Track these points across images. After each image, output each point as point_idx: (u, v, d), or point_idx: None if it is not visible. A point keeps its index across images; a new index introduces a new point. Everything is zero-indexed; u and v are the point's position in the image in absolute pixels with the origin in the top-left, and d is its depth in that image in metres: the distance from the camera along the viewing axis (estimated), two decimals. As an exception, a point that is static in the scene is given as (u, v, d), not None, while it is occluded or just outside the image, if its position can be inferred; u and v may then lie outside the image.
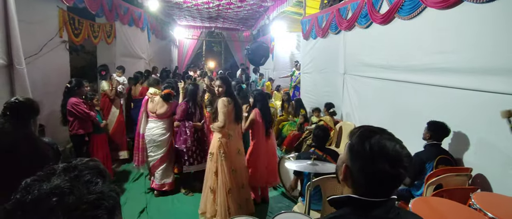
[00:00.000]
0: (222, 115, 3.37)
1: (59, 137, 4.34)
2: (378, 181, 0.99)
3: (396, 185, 1.02)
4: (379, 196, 1.00)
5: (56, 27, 4.58)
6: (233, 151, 3.50)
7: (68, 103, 3.85)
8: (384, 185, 1.00)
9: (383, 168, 0.96)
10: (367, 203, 1.00)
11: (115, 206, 0.69)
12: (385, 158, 0.97)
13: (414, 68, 3.65)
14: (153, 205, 4.06)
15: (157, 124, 4.20)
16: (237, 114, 3.52)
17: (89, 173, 0.69)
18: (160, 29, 11.03)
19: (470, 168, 2.86)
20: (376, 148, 0.98)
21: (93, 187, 0.67)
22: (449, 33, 3.14)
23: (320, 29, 6.31)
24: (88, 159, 0.76)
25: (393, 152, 0.98)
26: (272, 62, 11.63)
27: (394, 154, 0.98)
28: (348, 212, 1.03)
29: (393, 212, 1.01)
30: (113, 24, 6.51)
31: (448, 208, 2.25)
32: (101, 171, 0.73)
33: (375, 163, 0.98)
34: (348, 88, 5.47)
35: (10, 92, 3.12)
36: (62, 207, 0.61)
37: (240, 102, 3.64)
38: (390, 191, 1.02)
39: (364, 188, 1.01)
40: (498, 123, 2.49)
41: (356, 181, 1.03)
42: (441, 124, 3.01)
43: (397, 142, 1.01)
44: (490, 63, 2.67)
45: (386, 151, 0.98)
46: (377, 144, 0.99)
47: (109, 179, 0.73)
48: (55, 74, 4.60)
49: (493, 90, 2.63)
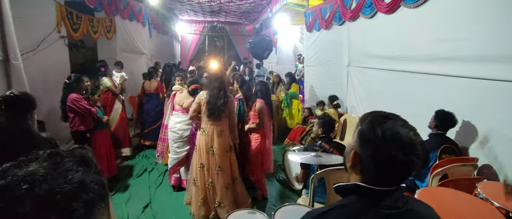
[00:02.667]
0: (192, 105, 3.46)
1: (61, 134, 4.31)
2: (389, 169, 0.94)
3: (408, 174, 0.97)
4: (389, 185, 0.96)
5: (54, 22, 4.54)
6: (204, 147, 3.41)
7: (68, 99, 3.79)
8: (395, 173, 0.95)
9: (396, 155, 0.91)
10: (375, 192, 0.95)
11: (96, 200, 0.62)
12: (398, 145, 0.91)
13: (420, 58, 3.58)
14: (157, 200, 4.04)
15: (182, 119, 4.11)
16: (210, 110, 3.35)
17: (71, 161, 0.63)
18: (162, 24, 10.97)
19: (476, 158, 2.82)
20: (389, 135, 0.93)
21: (71, 176, 0.60)
22: (455, 21, 3.06)
23: (324, 20, 6.21)
24: (77, 146, 0.69)
25: (407, 139, 0.92)
26: (275, 55, 11.52)
27: (408, 141, 0.92)
28: (355, 201, 0.98)
29: (401, 201, 0.97)
30: (112, 19, 6.46)
31: (454, 198, 2.24)
32: (86, 160, 0.66)
33: (388, 150, 0.92)
34: (352, 80, 5.39)
35: (7, 88, 3.09)
36: (31, 196, 0.55)
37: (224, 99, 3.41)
38: (400, 179, 0.97)
39: (374, 176, 0.96)
40: (506, 112, 2.48)
41: (366, 169, 0.98)
42: (448, 114, 2.97)
43: (411, 129, 0.96)
44: (497, 50, 2.60)
45: (400, 138, 0.92)
46: (390, 130, 0.94)
47: (95, 169, 0.66)
48: (54, 70, 4.56)
49: (501, 78, 2.57)
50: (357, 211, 0.96)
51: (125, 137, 5.36)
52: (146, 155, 5.63)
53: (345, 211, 0.97)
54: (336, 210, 0.98)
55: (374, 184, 0.96)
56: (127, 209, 3.76)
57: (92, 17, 5.63)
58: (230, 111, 3.52)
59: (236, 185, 3.57)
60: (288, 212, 2.44)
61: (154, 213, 3.72)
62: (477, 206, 2.12)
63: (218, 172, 3.40)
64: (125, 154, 5.37)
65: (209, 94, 3.38)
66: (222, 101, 3.35)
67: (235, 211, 2.63)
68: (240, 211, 2.64)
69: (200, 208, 3.48)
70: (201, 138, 3.44)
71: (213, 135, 3.39)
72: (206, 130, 3.42)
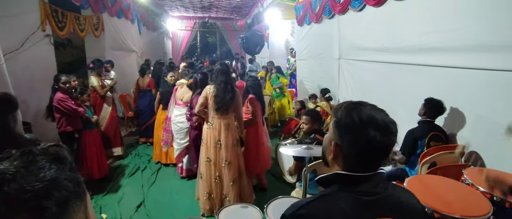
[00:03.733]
0: (199, 100, 3.43)
1: (48, 135, 4.23)
2: (370, 152, 0.98)
3: (385, 155, 1.01)
4: (369, 170, 1.00)
5: (38, 20, 4.43)
6: (212, 141, 3.41)
7: (54, 99, 3.71)
8: (375, 155, 1.00)
9: (374, 137, 0.95)
10: (355, 178, 0.99)
11: (69, 198, 0.61)
12: (375, 127, 0.96)
13: (409, 49, 3.60)
14: (150, 198, 4.01)
15: (182, 112, 4.35)
16: (218, 103, 3.34)
17: (44, 159, 0.62)
18: (152, 21, 10.85)
19: (462, 145, 2.88)
20: (365, 118, 0.97)
21: (43, 175, 0.59)
22: (442, 12, 3.09)
23: (314, 14, 6.20)
24: (52, 144, 0.69)
25: (381, 121, 0.97)
26: (267, 50, 11.48)
27: (382, 123, 0.97)
28: (336, 189, 1.02)
29: (381, 186, 1.01)
30: (100, 16, 6.35)
31: (441, 184, 2.31)
32: (60, 158, 0.65)
33: (367, 133, 0.96)
34: (343, 73, 5.41)
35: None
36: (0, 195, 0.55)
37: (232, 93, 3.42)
38: (379, 162, 1.02)
39: (355, 163, 1.00)
40: (492, 100, 2.54)
41: (347, 157, 1.02)
42: (436, 101, 3.02)
43: (381, 111, 1.01)
44: (483, 41, 2.64)
45: (375, 120, 0.97)
46: (365, 114, 0.98)
47: (70, 167, 0.65)
48: (40, 69, 4.47)
49: (487, 68, 2.61)
50: (339, 199, 0.98)
51: (116, 136, 5.28)
52: (138, 153, 5.58)
53: (328, 199, 1.00)
54: (318, 200, 1.00)
55: (353, 171, 0.99)
56: (120, 209, 3.72)
57: (78, 15, 5.52)
58: (237, 104, 3.51)
59: (242, 180, 3.59)
60: (281, 204, 2.45)
61: (147, 212, 3.68)
62: (464, 191, 2.18)
63: (225, 166, 3.41)
64: (117, 153, 5.29)
65: (216, 88, 3.36)
66: (230, 95, 3.35)
67: (228, 206, 2.64)
68: (233, 205, 2.64)
69: (205, 202, 3.47)
70: (209, 132, 3.43)
71: (220, 129, 3.40)
72: (213, 124, 3.41)
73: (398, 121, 1.02)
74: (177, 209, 3.73)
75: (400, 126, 1.01)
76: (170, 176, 4.70)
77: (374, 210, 0.97)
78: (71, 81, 3.96)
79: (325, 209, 0.98)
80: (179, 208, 3.76)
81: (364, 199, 0.97)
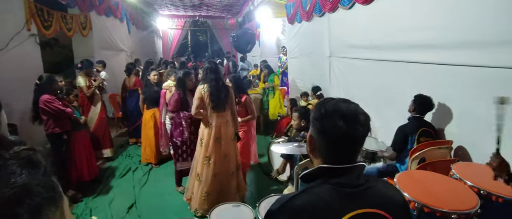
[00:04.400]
0: (194, 102, 3.38)
1: (36, 136, 4.13)
2: (338, 141, 1.03)
3: (356, 145, 1.06)
4: (344, 161, 1.04)
5: (23, 20, 4.33)
6: (212, 139, 3.41)
7: (40, 101, 3.61)
8: (345, 145, 1.03)
9: (339, 125, 1.00)
10: (335, 170, 1.03)
11: (43, 204, 0.57)
12: (339, 116, 1.01)
13: (398, 47, 3.64)
14: (142, 200, 3.97)
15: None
16: (214, 102, 3.33)
17: (16, 164, 0.58)
18: (141, 19, 10.73)
19: (450, 141, 2.94)
20: (330, 109, 1.03)
21: (13, 180, 0.55)
22: (430, 10, 3.13)
23: (305, 12, 6.21)
24: (25, 147, 0.64)
25: (347, 111, 1.02)
26: (259, 48, 11.46)
27: (348, 112, 1.02)
28: (319, 183, 1.04)
29: (362, 178, 1.05)
30: (87, 15, 6.25)
31: (430, 179, 2.36)
32: (33, 162, 0.60)
33: (330, 121, 1.02)
34: (334, 71, 5.43)
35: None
36: None
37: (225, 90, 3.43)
38: (353, 154, 1.06)
39: (329, 154, 1.05)
40: (479, 96, 2.59)
41: (320, 149, 1.07)
42: (426, 98, 3.06)
43: (351, 103, 1.06)
44: (470, 38, 2.67)
45: (340, 110, 1.02)
46: (331, 106, 1.05)
47: (44, 171, 0.61)
48: (26, 70, 4.36)
49: (475, 64, 2.65)
50: (322, 192, 1.01)
51: (105, 138, 5.20)
52: (129, 154, 5.52)
53: (312, 192, 1.02)
54: (303, 193, 1.03)
55: (331, 163, 1.04)
56: (111, 211, 3.68)
57: (65, 14, 5.41)
58: (231, 100, 3.51)
59: (238, 174, 3.64)
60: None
61: (139, 213, 3.65)
62: (452, 185, 2.23)
63: (225, 160, 3.45)
64: (107, 155, 5.22)
65: (210, 86, 3.33)
66: (225, 92, 3.36)
67: (220, 205, 2.63)
68: (224, 204, 2.63)
69: (204, 202, 3.46)
70: (207, 132, 3.41)
71: (220, 127, 3.41)
72: (212, 122, 3.40)
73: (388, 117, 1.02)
74: (169, 210, 3.70)
75: (390, 122, 1.02)
76: (162, 177, 4.65)
77: (357, 202, 1.00)
78: (58, 82, 3.87)
79: (310, 201, 1.00)
80: (171, 209, 3.73)
81: (346, 191, 1.00)
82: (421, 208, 1.96)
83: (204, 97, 3.35)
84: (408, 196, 2.04)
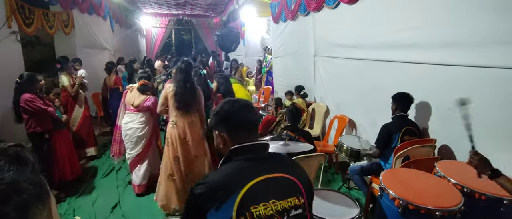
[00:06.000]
0: (160, 100, 3.44)
1: (17, 136, 4.01)
2: (235, 125, 1.31)
3: (250, 127, 1.33)
4: (246, 140, 1.28)
5: (3, 17, 4.21)
6: (178, 139, 3.36)
7: (21, 100, 3.51)
8: (240, 127, 1.31)
9: (243, 115, 1.33)
10: (242, 148, 1.26)
11: (29, 201, 0.57)
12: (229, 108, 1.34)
13: (383, 46, 3.67)
14: (126, 199, 3.92)
15: (133, 119, 3.86)
16: (178, 102, 3.28)
17: (3, 160, 0.57)
18: (125, 17, 10.57)
19: (434, 139, 2.97)
20: (225, 107, 1.34)
21: (1, 177, 0.55)
22: (414, 9, 3.17)
23: (290, 11, 6.25)
24: (12, 144, 0.63)
25: (237, 103, 1.36)
26: (243, 47, 11.48)
27: (237, 105, 1.35)
28: (230, 161, 1.25)
29: (266, 153, 1.31)
30: (70, 13, 6.12)
31: (414, 177, 2.39)
32: (21, 159, 0.60)
33: (237, 115, 1.32)
34: (319, 70, 5.48)
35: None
36: None
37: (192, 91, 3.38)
38: (250, 134, 1.31)
39: (234, 139, 1.30)
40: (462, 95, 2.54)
41: (227, 140, 1.31)
42: (403, 93, 3.11)
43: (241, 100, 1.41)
44: (453, 37, 2.71)
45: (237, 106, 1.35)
46: (224, 105, 1.36)
47: (32, 168, 0.61)
48: (6, 68, 4.24)
49: (458, 63, 2.69)
50: (231, 166, 1.23)
51: (89, 136, 5.12)
52: (113, 153, 5.44)
53: (224, 168, 1.23)
54: (216, 171, 1.25)
55: (239, 143, 1.27)
56: (94, 211, 3.62)
57: (46, 11, 5.28)
58: (199, 103, 3.45)
59: None
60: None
61: (123, 212, 3.61)
62: (436, 183, 2.27)
63: (194, 160, 3.39)
64: (90, 154, 5.14)
65: (176, 86, 3.30)
66: (191, 94, 3.29)
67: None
68: None
69: (181, 200, 3.41)
70: (173, 132, 3.36)
71: (185, 127, 3.35)
72: (176, 122, 3.35)
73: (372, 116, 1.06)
74: (154, 209, 3.67)
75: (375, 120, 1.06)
76: (147, 176, 4.61)
77: (261, 167, 1.22)
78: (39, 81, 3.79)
79: (221, 175, 1.19)
80: (155, 208, 3.68)
81: (252, 162, 1.23)
82: (406, 206, 2.00)
83: (169, 97, 3.34)
84: (393, 194, 2.09)
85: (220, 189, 1.13)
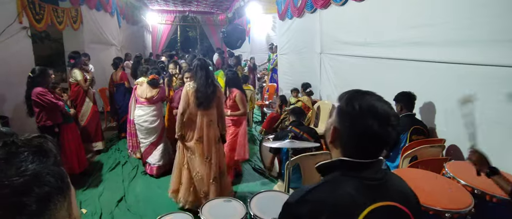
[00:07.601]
0: (181, 103, 3.30)
1: (28, 129, 4.11)
2: (367, 140, 1.00)
3: (384, 145, 1.03)
4: (368, 157, 1.02)
5: (14, 12, 4.27)
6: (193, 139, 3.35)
7: (33, 93, 3.59)
8: (372, 144, 1.01)
9: (371, 126, 0.97)
10: (357, 165, 1.01)
11: (51, 194, 0.57)
12: (373, 116, 0.98)
13: (390, 44, 3.65)
14: (131, 193, 3.97)
15: (146, 111, 4.22)
16: (200, 99, 3.25)
17: (27, 151, 0.57)
18: (131, 14, 10.63)
19: (443, 139, 2.92)
20: (365, 107, 0.99)
21: (24, 168, 0.54)
22: (423, 7, 3.14)
23: (296, 8, 6.24)
24: (35, 135, 0.63)
25: (382, 111, 0.99)
26: (248, 44, 11.48)
27: (383, 113, 0.99)
28: (339, 175, 1.02)
29: (380, 173, 1.03)
30: (78, 9, 6.19)
31: (423, 177, 2.33)
32: (45, 151, 0.59)
33: (364, 121, 0.98)
34: (325, 68, 5.47)
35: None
36: None
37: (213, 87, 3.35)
38: (378, 151, 1.03)
39: (353, 149, 1.02)
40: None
41: (345, 143, 1.04)
42: (404, 93, 3.08)
43: (385, 103, 1.03)
44: (463, 35, 2.69)
45: (375, 110, 0.99)
46: (366, 103, 1.00)
47: (54, 160, 0.60)
48: (17, 63, 4.32)
49: (467, 62, 2.66)
50: (343, 184, 0.99)
51: (97, 131, 5.21)
52: (118, 148, 5.51)
53: (333, 184, 1.01)
54: (323, 185, 1.01)
55: (354, 157, 1.01)
56: (100, 204, 3.67)
57: (56, 7, 5.35)
58: (219, 100, 3.41)
59: (223, 179, 3.50)
60: (264, 198, 2.46)
61: (128, 206, 3.65)
62: (445, 184, 2.20)
63: (206, 162, 3.34)
64: (97, 148, 5.22)
65: (198, 82, 3.27)
66: (212, 89, 3.26)
67: (211, 200, 2.62)
68: (216, 199, 2.61)
69: (190, 194, 3.41)
70: (189, 132, 3.35)
71: (202, 126, 3.29)
72: (195, 121, 3.32)
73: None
74: (158, 204, 3.72)
75: None
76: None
77: (376, 194, 0.99)
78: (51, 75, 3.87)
79: (331, 193, 0.98)
80: (160, 202, 3.74)
81: (366, 183, 0.99)
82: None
83: (189, 94, 3.29)
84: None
85: (330, 212, 0.95)
